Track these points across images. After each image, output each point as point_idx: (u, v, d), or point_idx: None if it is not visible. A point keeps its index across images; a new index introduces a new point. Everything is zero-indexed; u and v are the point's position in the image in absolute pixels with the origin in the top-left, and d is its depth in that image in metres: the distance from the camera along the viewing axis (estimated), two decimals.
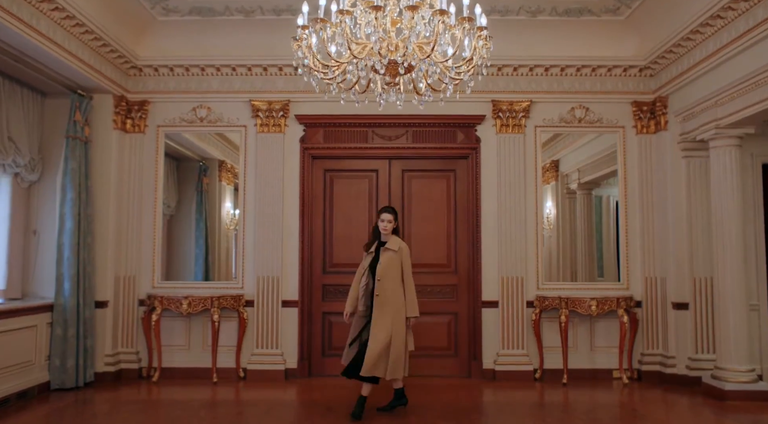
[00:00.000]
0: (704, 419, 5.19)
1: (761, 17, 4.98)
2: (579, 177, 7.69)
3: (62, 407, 5.37)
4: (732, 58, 5.46)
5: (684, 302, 6.37)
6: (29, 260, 6.32)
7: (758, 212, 6.48)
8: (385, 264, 4.94)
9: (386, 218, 5.03)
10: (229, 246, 7.78)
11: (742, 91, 5.39)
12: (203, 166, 7.66)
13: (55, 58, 5.44)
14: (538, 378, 6.52)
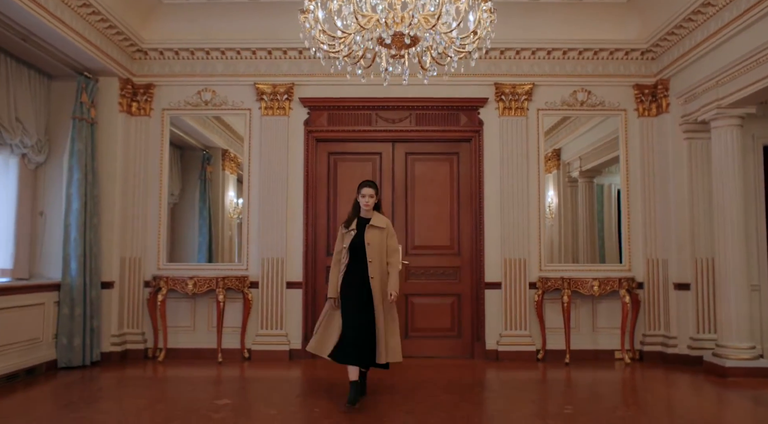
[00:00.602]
0: (705, 395, 5.26)
1: None
2: (580, 165, 7.75)
3: (69, 383, 5.44)
4: (733, 37, 5.54)
5: (685, 282, 6.45)
6: (36, 240, 6.40)
7: (759, 193, 6.56)
8: (375, 244, 4.68)
9: (367, 193, 4.73)
10: (232, 235, 7.86)
11: (743, 70, 5.46)
12: (207, 155, 7.74)
13: (61, 37, 5.52)
14: (541, 359, 6.59)
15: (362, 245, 4.67)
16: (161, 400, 4.99)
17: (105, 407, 4.70)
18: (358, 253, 4.68)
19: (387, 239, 4.74)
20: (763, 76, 5.22)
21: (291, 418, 4.35)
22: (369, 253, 4.64)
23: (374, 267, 4.63)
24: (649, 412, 4.58)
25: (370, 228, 4.71)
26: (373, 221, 4.74)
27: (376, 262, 4.64)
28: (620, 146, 6.95)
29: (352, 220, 4.81)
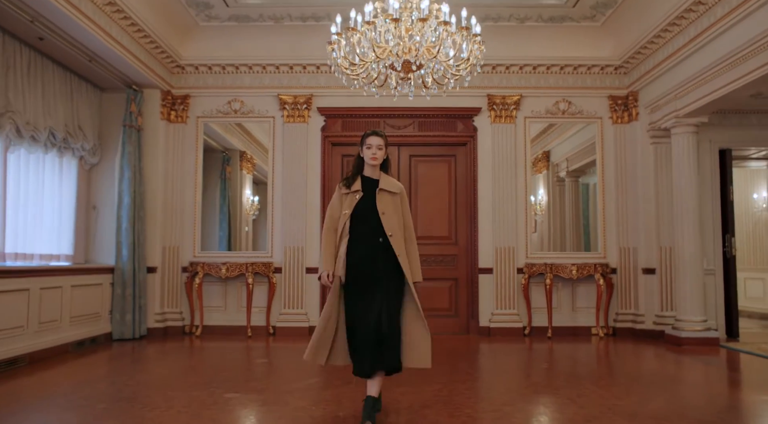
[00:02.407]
0: (664, 359, 6.35)
1: (707, 24, 6.17)
2: (567, 166, 8.88)
3: (124, 352, 6.53)
4: (688, 57, 6.66)
5: (651, 267, 7.57)
6: (89, 231, 7.50)
7: (715, 190, 7.69)
8: (391, 213, 3.66)
9: (374, 143, 3.70)
10: (249, 229, 8.95)
11: (695, 85, 6.58)
12: (226, 156, 8.83)
13: (118, 56, 6.61)
14: (527, 334, 7.71)
15: (372, 211, 3.63)
16: (208, 360, 6.11)
17: (163, 365, 5.81)
18: (365, 222, 3.64)
19: (403, 208, 3.76)
20: (711, 91, 6.33)
21: (318, 368, 5.43)
22: (387, 225, 3.62)
23: (398, 241, 3.63)
24: (616, 369, 5.70)
25: (382, 193, 3.68)
26: (384, 183, 3.71)
27: (397, 237, 3.64)
28: (597, 150, 8.07)
29: (354, 179, 3.74)
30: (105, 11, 6.11)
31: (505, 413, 3.96)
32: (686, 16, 6.36)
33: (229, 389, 4.62)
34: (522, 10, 7.30)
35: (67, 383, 4.97)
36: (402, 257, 3.63)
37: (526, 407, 4.25)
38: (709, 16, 6.11)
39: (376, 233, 3.65)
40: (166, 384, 4.86)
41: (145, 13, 6.70)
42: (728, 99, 6.39)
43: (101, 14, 6.07)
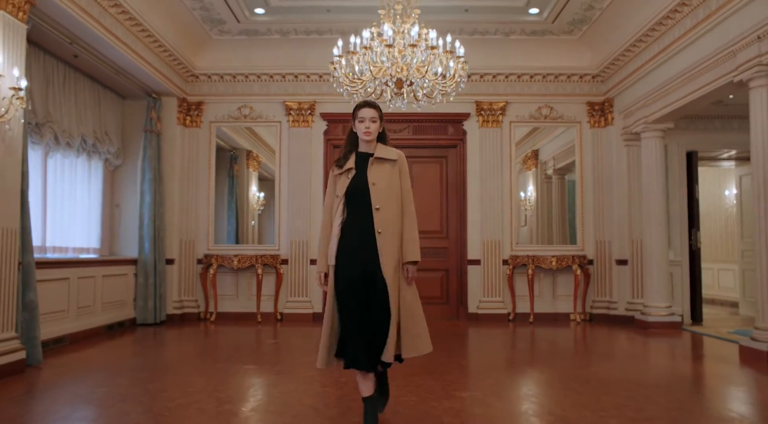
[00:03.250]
0: (633, 341, 7.16)
1: (668, 42, 6.96)
2: (554, 164, 9.68)
3: (148, 334, 7.37)
4: (655, 69, 7.45)
5: (624, 259, 8.41)
6: (113, 226, 8.32)
7: (682, 188, 8.51)
8: (383, 184, 3.32)
9: (367, 116, 3.37)
10: (255, 223, 9.77)
11: (661, 95, 7.38)
12: (233, 155, 9.64)
13: (142, 69, 7.41)
14: (511, 319, 8.55)
15: (364, 188, 3.31)
16: (225, 341, 6.95)
17: (187, 344, 6.66)
18: (360, 200, 3.32)
19: (401, 179, 3.41)
20: (674, 100, 7.13)
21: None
22: (375, 197, 3.28)
23: (383, 218, 3.28)
24: (585, 349, 6.54)
25: (376, 162, 3.36)
26: (380, 151, 3.39)
27: (386, 211, 3.29)
28: (576, 151, 8.88)
29: (347, 156, 3.43)
30: (132, 31, 6.90)
31: (479, 379, 4.81)
32: (651, 34, 7.16)
33: (247, 362, 5.47)
34: (507, 25, 8.08)
35: (110, 357, 5.82)
36: (383, 237, 3.22)
37: (498, 374, 5.09)
38: (670, 35, 6.91)
39: (369, 211, 3.27)
40: (192, 358, 5.70)
41: (166, 30, 7.49)
42: (691, 107, 7.18)
43: (129, 34, 6.86)
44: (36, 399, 4.19)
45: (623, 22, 7.55)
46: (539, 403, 4.21)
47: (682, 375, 5.23)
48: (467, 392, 4.36)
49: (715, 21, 6.03)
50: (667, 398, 4.25)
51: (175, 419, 3.65)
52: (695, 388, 4.80)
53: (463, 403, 4.05)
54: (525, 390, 4.68)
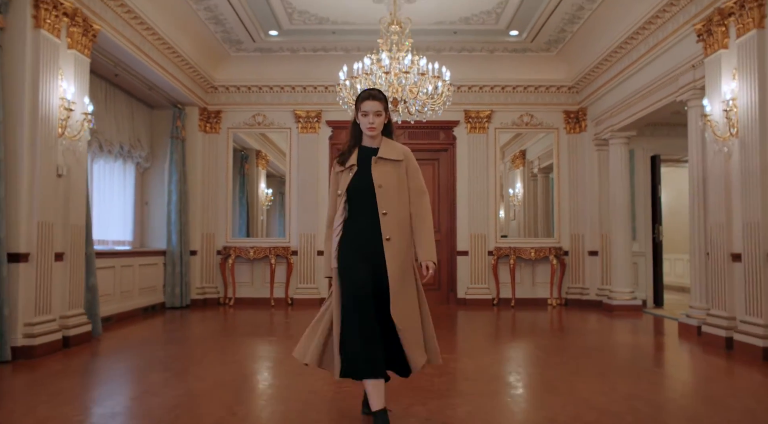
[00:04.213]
0: (599, 321, 8.33)
1: (630, 61, 8.10)
2: (539, 163, 10.86)
3: (173, 318, 8.53)
4: (619, 84, 8.60)
5: (595, 250, 9.60)
6: (143, 221, 9.50)
7: (647, 189, 9.69)
8: (390, 185, 3.16)
9: (371, 109, 3.19)
10: (263, 218, 10.95)
11: (625, 107, 8.53)
12: (244, 155, 10.80)
13: (170, 84, 8.56)
14: (495, 304, 9.75)
15: (368, 186, 3.16)
16: (245, 321, 8.15)
17: (213, 323, 7.85)
18: (363, 200, 3.17)
19: (409, 179, 3.24)
20: (635, 112, 8.28)
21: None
22: (381, 200, 3.12)
23: (391, 223, 3.12)
24: (554, 327, 7.74)
25: (380, 162, 3.18)
26: (383, 150, 3.21)
27: (393, 215, 3.13)
28: (554, 155, 10.05)
29: (350, 151, 3.27)
30: (164, 53, 8.06)
31: (465, 349, 6.00)
32: (614, 55, 8.31)
33: (269, 336, 6.67)
34: (491, 44, 9.23)
35: (152, 332, 7.02)
36: (391, 243, 3.06)
37: (479, 344, 6.29)
38: (630, 57, 8.06)
39: (372, 212, 3.11)
40: (221, 334, 6.90)
41: (191, 50, 8.65)
42: (651, 117, 8.33)
43: (161, 55, 8.02)
44: (110, 358, 5.40)
45: (593, 42, 8.69)
46: (518, 364, 5.41)
47: (631, 345, 6.44)
48: (449, 354, 5.57)
49: (662, 49, 7.18)
50: (618, 360, 5.47)
51: (218, 377, 4.86)
52: (637, 353, 6.00)
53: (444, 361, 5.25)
54: (504, 355, 5.88)
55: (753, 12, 5.33)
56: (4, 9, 5.14)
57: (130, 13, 6.88)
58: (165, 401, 3.87)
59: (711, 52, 6.00)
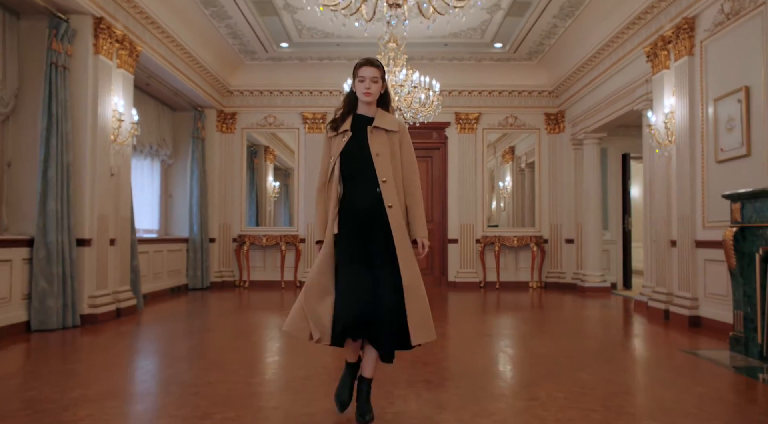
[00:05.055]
0: (573, 301, 9.56)
1: (598, 72, 9.30)
2: (526, 159, 12.07)
3: (196, 297, 9.80)
4: (591, 92, 9.80)
5: (571, 238, 10.84)
6: (167, 212, 10.74)
7: (618, 184, 10.92)
8: (386, 155, 3.14)
9: (368, 75, 3.16)
10: (271, 209, 12.17)
11: (595, 112, 9.74)
12: (253, 150, 12.00)
13: (192, 89, 9.76)
14: (482, 286, 11.01)
15: (365, 154, 3.14)
16: (261, 300, 9.42)
17: (235, 301, 9.12)
18: (357, 167, 3.16)
19: (402, 151, 3.22)
20: (603, 117, 9.48)
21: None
22: (380, 168, 3.11)
23: (390, 190, 3.12)
24: (542, 304, 9.00)
25: (376, 131, 3.18)
26: (379, 120, 3.20)
27: (391, 183, 3.13)
28: (536, 152, 11.27)
29: (343, 118, 3.24)
30: (188, 64, 9.27)
31: (452, 321, 7.25)
32: (586, 67, 9.51)
33: (285, 310, 7.92)
34: (478, 54, 10.42)
35: (184, 308, 8.28)
36: (394, 209, 3.07)
37: (464, 318, 7.55)
38: (598, 69, 9.26)
39: (371, 182, 3.10)
40: (244, 308, 8.15)
41: (211, 60, 9.85)
42: (619, 120, 9.53)
43: (186, 66, 9.23)
44: (154, 326, 6.67)
45: (568, 53, 9.88)
46: (504, 331, 6.67)
47: (589, 318, 7.70)
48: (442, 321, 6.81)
49: (623, 64, 8.38)
50: (572, 327, 6.73)
51: (247, 340, 6.12)
52: (591, 323, 7.25)
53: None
54: (490, 324, 7.13)
55: (685, 41, 6.54)
56: (71, 39, 6.35)
57: (164, 33, 8.08)
58: (202, 352, 5.13)
59: (657, 72, 7.20)
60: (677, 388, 3.99)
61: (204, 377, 4.22)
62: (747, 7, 5.57)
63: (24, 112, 6.32)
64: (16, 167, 6.33)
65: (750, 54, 5.54)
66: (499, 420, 3.25)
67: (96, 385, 3.98)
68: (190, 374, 4.31)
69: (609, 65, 8.81)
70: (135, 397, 3.81)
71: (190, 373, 4.37)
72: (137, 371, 4.63)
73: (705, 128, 6.34)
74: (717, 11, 6.04)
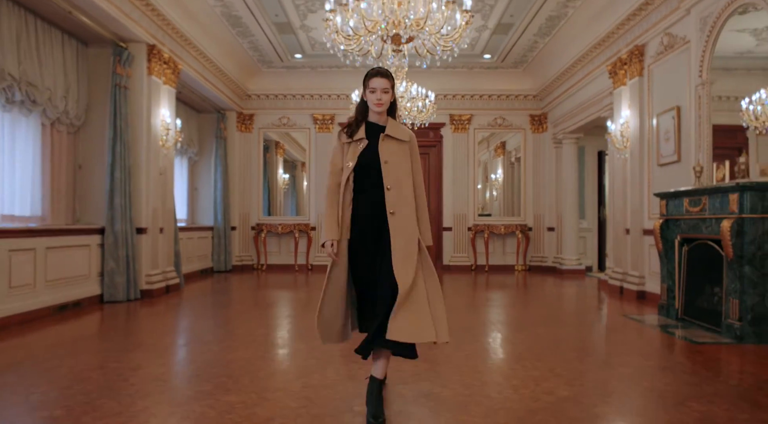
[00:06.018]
0: (553, 282, 11.07)
1: (576, 80, 10.73)
2: (515, 154, 13.53)
3: (222, 278, 11.29)
4: (568, 98, 11.25)
5: (552, 226, 12.34)
6: (194, 203, 12.21)
7: (594, 178, 12.41)
8: (395, 163, 3.26)
9: (379, 86, 3.28)
10: (281, 199, 13.63)
11: (572, 115, 11.19)
12: (266, 146, 13.45)
13: (216, 95, 11.19)
14: (473, 269, 12.52)
15: (375, 161, 3.26)
16: (278, 281, 10.94)
17: (256, 282, 10.63)
18: (372, 175, 3.28)
19: (412, 161, 3.36)
20: (578, 121, 10.94)
21: None
22: (387, 175, 3.23)
23: (394, 198, 3.22)
24: (526, 284, 10.52)
25: (387, 139, 3.29)
26: (390, 129, 3.32)
27: (396, 191, 3.23)
28: (521, 150, 12.74)
29: (357, 126, 3.36)
30: (213, 72, 10.70)
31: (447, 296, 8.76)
32: (565, 74, 10.95)
33: (301, 288, 9.43)
34: (470, 63, 11.85)
35: (214, 286, 9.79)
36: (397, 217, 3.17)
37: (457, 294, 9.06)
38: (573, 79, 10.70)
39: (380, 188, 3.24)
40: (265, 286, 9.67)
41: (233, 69, 11.28)
42: (592, 123, 10.98)
43: (211, 75, 10.66)
44: (197, 300, 8.18)
45: (549, 64, 11.32)
46: (488, 303, 8.17)
47: (564, 294, 9.21)
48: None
49: (592, 77, 9.83)
50: (552, 301, 8.25)
51: (273, 308, 7.64)
52: (559, 297, 8.76)
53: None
54: (478, 298, 8.63)
55: (637, 64, 7.99)
56: (130, 64, 7.79)
57: (198, 51, 9.52)
58: (233, 318, 6.64)
59: (617, 87, 8.66)
60: (609, 340, 5.51)
61: (235, 334, 5.75)
62: (678, 43, 7.02)
63: (92, 125, 7.78)
64: (86, 169, 7.79)
65: (680, 80, 6.99)
66: (471, 352, 4.75)
67: (155, 340, 5.50)
68: (224, 332, 5.84)
69: (581, 77, 10.26)
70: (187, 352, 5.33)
71: (224, 332, 5.89)
72: (189, 333, 6.15)
73: (651, 137, 7.81)
74: (659, 42, 7.49)
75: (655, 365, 4.48)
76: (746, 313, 5.11)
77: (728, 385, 3.89)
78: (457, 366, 4.31)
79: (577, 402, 3.43)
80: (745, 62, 6.49)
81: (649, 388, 3.80)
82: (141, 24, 7.63)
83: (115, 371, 4.14)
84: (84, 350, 4.94)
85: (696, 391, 3.70)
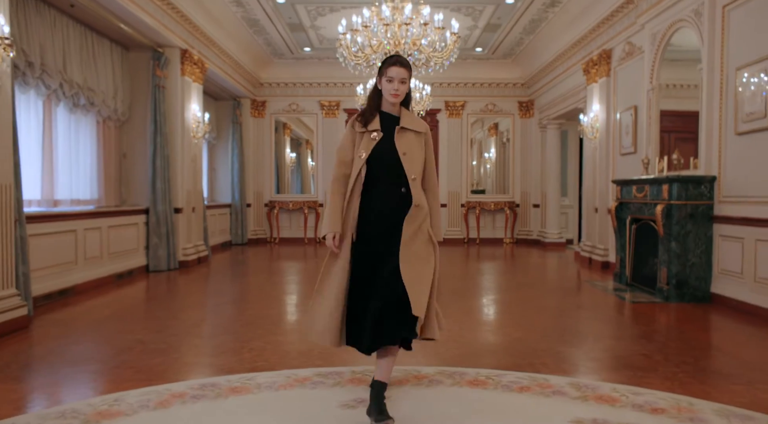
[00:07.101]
0: (537, 253, 12.52)
1: (558, 73, 12.02)
2: (507, 135, 14.87)
3: (240, 250, 12.73)
4: (552, 87, 12.55)
5: (537, 203, 13.76)
6: (213, 182, 13.58)
7: (576, 159, 13.77)
8: (414, 155, 3.17)
9: (397, 76, 3.14)
10: (289, 178, 15.02)
11: (554, 104, 12.51)
12: (275, 127, 14.78)
13: (232, 84, 12.48)
14: (465, 242, 13.97)
15: (393, 154, 3.14)
16: (291, 252, 12.40)
17: (271, 252, 12.09)
18: (384, 167, 3.15)
19: (426, 152, 3.28)
20: (560, 109, 12.25)
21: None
22: (409, 167, 3.13)
23: (418, 189, 3.14)
24: (513, 255, 11.99)
25: (403, 132, 3.19)
26: (405, 121, 3.22)
27: (418, 182, 3.15)
28: (510, 134, 14.08)
29: (371, 116, 3.22)
30: (233, 66, 11.99)
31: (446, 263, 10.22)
32: (550, 66, 12.23)
33: (311, 258, 10.89)
34: (463, 54, 13.09)
35: (236, 256, 11.24)
36: (420, 208, 3.09)
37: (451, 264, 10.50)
38: (555, 72, 12.00)
39: (399, 181, 3.12)
40: (282, 256, 11.13)
41: (247, 60, 12.56)
42: (573, 112, 12.30)
43: (230, 68, 11.96)
44: (224, 269, 9.64)
45: (536, 56, 12.59)
46: (477, 270, 9.63)
47: (543, 264, 10.67)
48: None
49: (571, 72, 11.14)
50: (531, 270, 9.72)
51: (286, 275, 9.11)
52: (542, 268, 10.21)
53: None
54: (469, 267, 10.07)
55: (605, 66, 9.31)
56: (167, 66, 9.10)
57: (220, 49, 10.81)
58: (255, 283, 8.10)
59: (589, 83, 9.98)
60: (567, 300, 6.98)
61: (269, 295, 7.21)
62: (636, 52, 8.34)
63: (134, 120, 9.12)
64: (129, 158, 9.16)
65: (637, 84, 8.32)
66: (457, 308, 6.20)
67: (204, 300, 6.96)
68: (257, 294, 7.30)
69: (561, 71, 11.56)
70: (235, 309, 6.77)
71: (257, 294, 7.35)
72: (228, 295, 7.61)
73: (615, 130, 9.17)
74: (622, 49, 8.80)
75: (593, 317, 5.94)
76: (672, 278, 6.55)
77: (639, 329, 5.36)
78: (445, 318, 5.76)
79: (524, 341, 4.89)
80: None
81: (581, 331, 5.27)
82: (175, 32, 8.92)
83: (189, 320, 5.60)
84: (155, 308, 6.42)
85: (613, 333, 5.17)
